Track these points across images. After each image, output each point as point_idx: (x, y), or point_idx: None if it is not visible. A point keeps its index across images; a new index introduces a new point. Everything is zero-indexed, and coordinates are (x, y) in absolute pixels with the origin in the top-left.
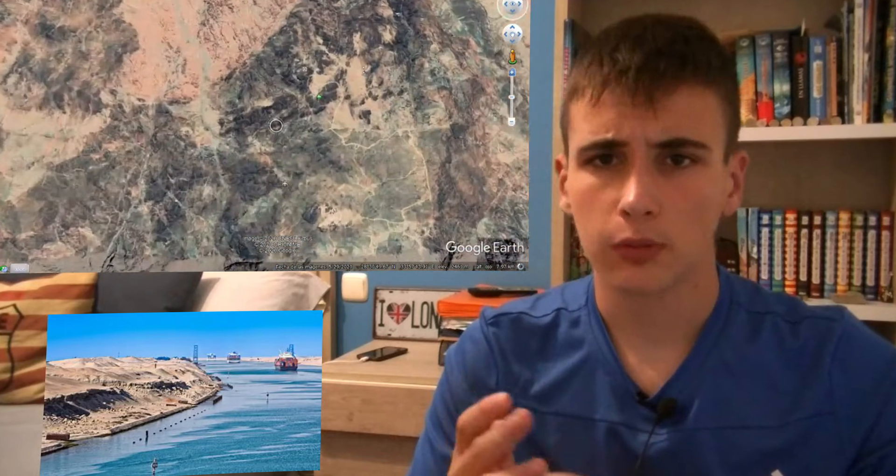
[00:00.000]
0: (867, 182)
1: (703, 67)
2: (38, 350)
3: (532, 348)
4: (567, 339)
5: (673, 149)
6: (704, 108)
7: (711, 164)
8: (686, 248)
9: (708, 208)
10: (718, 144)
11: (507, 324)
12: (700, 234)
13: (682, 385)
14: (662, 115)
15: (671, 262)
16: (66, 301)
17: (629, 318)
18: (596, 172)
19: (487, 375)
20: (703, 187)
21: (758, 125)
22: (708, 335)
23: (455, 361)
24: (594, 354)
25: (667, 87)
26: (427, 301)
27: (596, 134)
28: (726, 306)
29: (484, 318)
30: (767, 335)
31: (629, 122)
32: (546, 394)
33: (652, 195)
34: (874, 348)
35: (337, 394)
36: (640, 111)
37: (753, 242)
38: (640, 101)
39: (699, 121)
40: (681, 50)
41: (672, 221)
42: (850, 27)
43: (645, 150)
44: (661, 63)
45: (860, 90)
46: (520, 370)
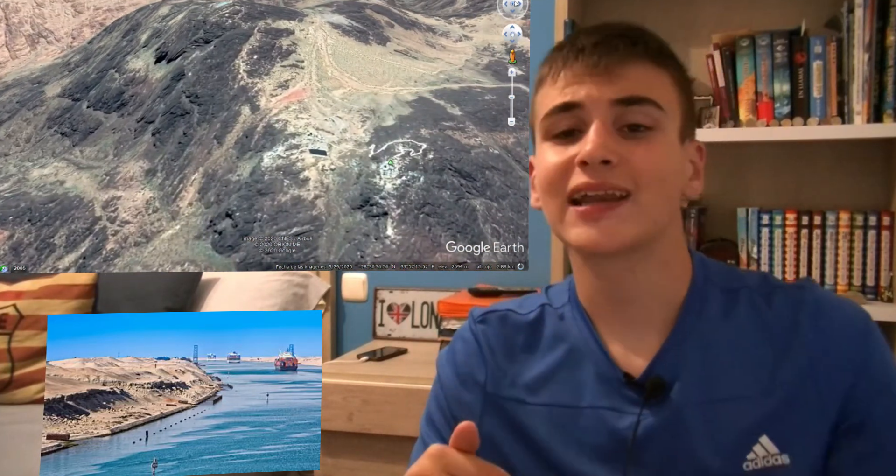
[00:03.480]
0: (867, 182)
1: (654, 50)
2: (38, 350)
3: (519, 343)
4: (552, 334)
5: (630, 109)
6: (657, 79)
7: (667, 133)
8: (645, 201)
9: (667, 172)
10: (674, 117)
11: (494, 321)
12: (659, 192)
13: (666, 364)
14: (617, 79)
15: (629, 215)
16: (66, 301)
17: (611, 310)
18: (558, 143)
19: (477, 371)
20: (660, 151)
21: (758, 125)
22: (687, 315)
23: (446, 361)
24: (579, 345)
25: (621, 59)
26: (427, 301)
27: (555, 101)
28: (701, 286)
29: (472, 318)
30: (743, 309)
31: (586, 87)
32: (534, 385)
33: (609, 146)
34: (846, 310)
35: (337, 394)
36: (597, 78)
37: (753, 242)
38: (597, 71)
39: (653, 87)
40: (633, 34)
41: (632, 172)
42: (850, 27)
43: (603, 108)
44: (615, 41)
45: (860, 90)
46: (508, 364)
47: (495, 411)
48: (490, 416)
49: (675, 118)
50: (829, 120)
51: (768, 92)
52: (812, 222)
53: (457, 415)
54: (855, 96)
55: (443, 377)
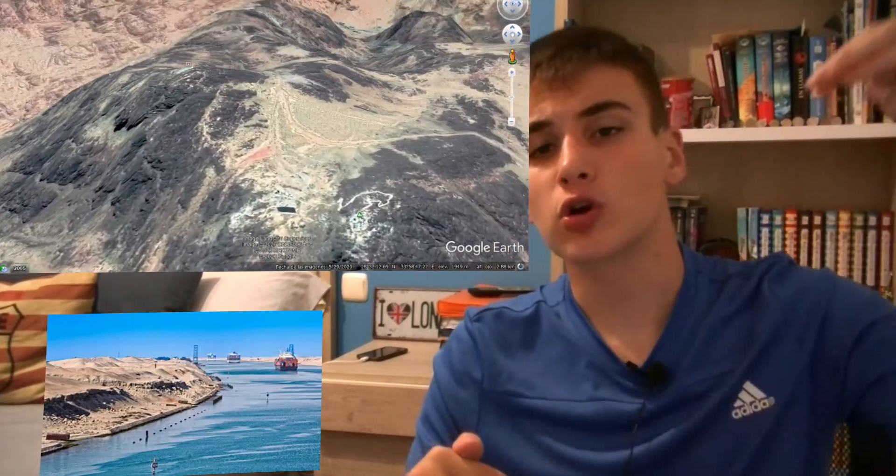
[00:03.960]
0: (867, 182)
1: (608, 52)
2: (38, 350)
3: (515, 339)
4: (549, 330)
5: (597, 116)
6: (617, 80)
7: (638, 130)
8: (627, 205)
9: (644, 169)
10: (642, 113)
11: (489, 319)
12: (640, 193)
13: (665, 354)
14: (578, 89)
15: (614, 221)
16: (66, 301)
17: (607, 306)
18: (538, 163)
19: (473, 369)
20: (635, 149)
21: (758, 125)
22: (682, 307)
23: (442, 360)
24: (576, 340)
25: (576, 68)
26: (427, 301)
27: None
28: (693, 276)
29: (468, 317)
30: (728, 293)
31: (549, 103)
32: (531, 380)
33: (584, 159)
34: (810, 269)
35: (337, 394)
36: (557, 93)
37: (753, 242)
38: (556, 85)
39: (615, 88)
40: (585, 40)
41: (609, 181)
42: (850, 27)
43: (571, 122)
44: (568, 52)
45: (860, 90)
46: (504, 360)
47: (493, 407)
48: (488, 413)
49: (644, 113)
50: (829, 120)
51: (768, 92)
52: (812, 222)
53: (454, 414)
54: (855, 96)
55: (439, 377)
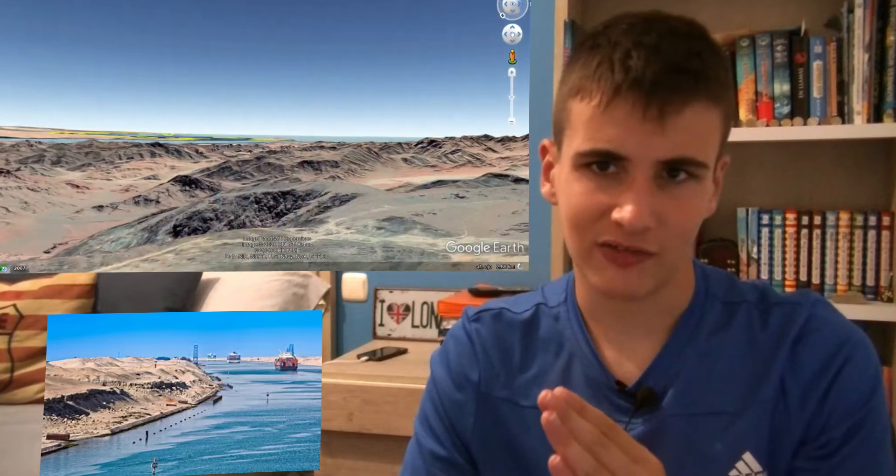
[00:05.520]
0: (867, 182)
1: (715, 85)
2: (38, 350)
3: (513, 342)
4: (546, 334)
5: (676, 167)
6: (710, 126)
7: (705, 180)
8: (673, 259)
9: (698, 220)
10: (714, 160)
11: (488, 319)
12: (686, 244)
13: (658, 375)
14: (671, 133)
15: (655, 271)
16: (66, 301)
17: (608, 315)
18: (592, 178)
19: (470, 370)
20: (697, 202)
21: (758, 125)
22: (684, 327)
23: (438, 361)
24: (572, 349)
25: (678, 103)
26: (427, 301)
27: (598, 142)
28: (702, 298)
29: (466, 316)
30: (739, 324)
31: (635, 138)
32: (526, 388)
33: (651, 210)
34: (832, 331)
35: (337, 394)
36: (649, 127)
37: (753, 242)
38: (651, 116)
39: (704, 140)
40: (695, 67)
41: (666, 234)
42: (850, 27)
43: (648, 166)
44: (676, 79)
45: (860, 90)
46: (501, 364)
47: (488, 411)
48: (483, 416)
49: (715, 156)
50: (829, 120)
51: (768, 92)
52: (812, 222)
53: (451, 415)
54: (855, 96)
55: (436, 377)
